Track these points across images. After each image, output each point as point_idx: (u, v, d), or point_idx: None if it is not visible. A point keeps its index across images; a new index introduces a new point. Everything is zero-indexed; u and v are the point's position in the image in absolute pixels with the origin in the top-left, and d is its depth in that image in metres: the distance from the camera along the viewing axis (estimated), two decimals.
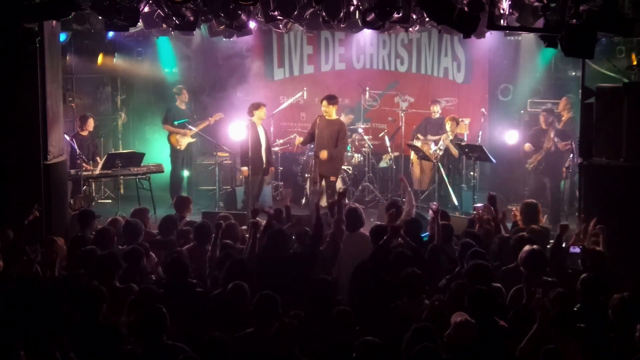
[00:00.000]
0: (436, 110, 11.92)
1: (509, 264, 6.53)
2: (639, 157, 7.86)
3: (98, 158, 11.40)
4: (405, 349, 4.85)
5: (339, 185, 11.38)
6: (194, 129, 11.93)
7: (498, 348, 5.11)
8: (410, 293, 5.83)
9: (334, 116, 10.64)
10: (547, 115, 10.70)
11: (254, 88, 13.09)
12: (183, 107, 12.22)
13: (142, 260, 6.51)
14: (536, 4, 7.47)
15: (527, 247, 6.21)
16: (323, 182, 10.80)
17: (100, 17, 8.53)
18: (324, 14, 8.65)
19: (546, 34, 7.19)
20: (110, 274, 6.08)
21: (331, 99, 10.51)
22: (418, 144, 11.72)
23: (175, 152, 12.09)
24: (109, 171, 10.83)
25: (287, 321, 5.08)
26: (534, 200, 8.20)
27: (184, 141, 12.03)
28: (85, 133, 11.38)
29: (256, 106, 10.77)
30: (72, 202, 10.11)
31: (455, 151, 11.26)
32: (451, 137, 11.32)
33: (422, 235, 7.62)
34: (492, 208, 7.63)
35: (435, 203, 8.04)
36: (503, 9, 7.89)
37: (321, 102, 10.55)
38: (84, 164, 10.84)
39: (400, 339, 5.01)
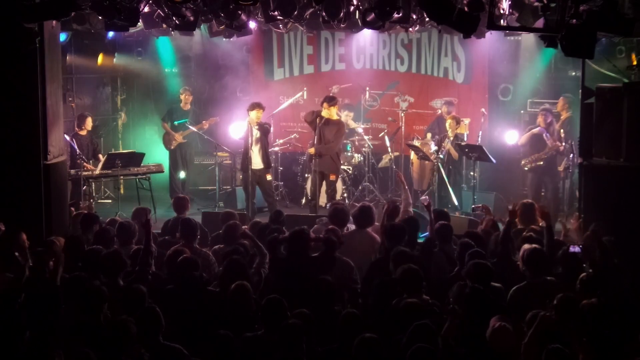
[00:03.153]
0: (447, 111, 11.88)
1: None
2: (639, 157, 7.86)
3: (100, 155, 11.42)
4: (405, 346, 4.85)
5: (339, 185, 11.39)
6: (193, 129, 11.96)
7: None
8: (408, 290, 5.82)
9: (335, 117, 10.66)
10: (546, 115, 10.70)
11: (254, 88, 13.10)
12: (187, 107, 12.24)
13: (150, 259, 6.51)
14: (536, 4, 7.47)
15: (527, 246, 6.22)
16: (323, 181, 10.80)
17: (100, 17, 8.52)
18: (324, 14, 8.65)
19: (546, 34, 7.20)
20: (114, 273, 6.08)
21: (331, 100, 10.52)
22: (418, 143, 11.72)
23: (171, 153, 12.18)
24: (109, 171, 10.83)
25: (292, 321, 5.06)
26: (530, 200, 8.21)
27: (174, 142, 12.12)
28: (84, 132, 11.37)
29: (251, 107, 10.72)
30: (80, 203, 10.10)
31: (455, 153, 11.23)
32: (452, 137, 11.30)
33: (421, 235, 7.63)
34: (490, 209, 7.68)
35: (425, 197, 7.98)
36: (503, 9, 7.89)
37: (322, 105, 10.55)
38: (84, 164, 10.84)
39: (401, 336, 5.01)
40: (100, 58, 12.90)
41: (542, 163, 10.63)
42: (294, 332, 4.98)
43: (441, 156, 11.06)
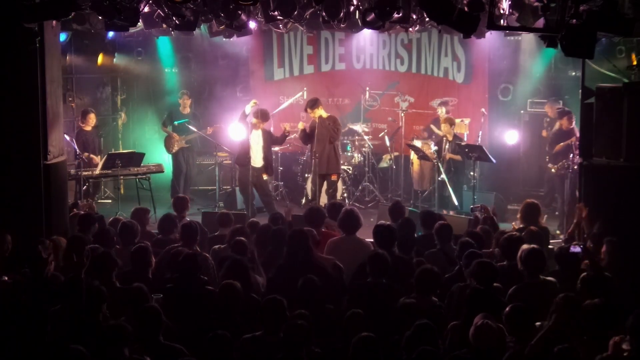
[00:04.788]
0: (443, 112, 11.85)
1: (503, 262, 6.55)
2: (639, 157, 7.86)
3: (99, 157, 11.45)
4: (405, 346, 4.85)
5: (339, 185, 11.38)
6: (194, 129, 11.95)
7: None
8: (421, 289, 5.80)
9: (325, 114, 10.66)
10: (571, 117, 10.52)
11: (254, 88, 13.12)
12: (187, 111, 12.21)
13: (149, 258, 6.50)
14: (536, 4, 7.46)
15: (525, 246, 6.21)
16: (324, 182, 10.80)
17: (100, 17, 8.52)
18: (324, 14, 8.65)
19: (546, 34, 7.19)
20: (107, 273, 6.07)
21: (312, 104, 10.53)
22: (418, 143, 11.72)
23: (174, 157, 12.20)
24: (109, 171, 10.84)
25: (296, 322, 5.05)
26: (535, 201, 8.19)
27: (176, 146, 12.10)
28: (88, 128, 11.51)
29: (255, 113, 10.70)
30: (79, 202, 10.10)
31: (457, 157, 11.21)
32: (450, 139, 11.27)
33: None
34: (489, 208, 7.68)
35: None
36: (503, 9, 7.88)
37: (306, 111, 10.59)
38: (92, 158, 10.94)
39: (398, 336, 5.01)
40: (100, 58, 12.91)
41: (576, 167, 10.27)
42: (299, 333, 4.97)
43: (442, 171, 11.03)
